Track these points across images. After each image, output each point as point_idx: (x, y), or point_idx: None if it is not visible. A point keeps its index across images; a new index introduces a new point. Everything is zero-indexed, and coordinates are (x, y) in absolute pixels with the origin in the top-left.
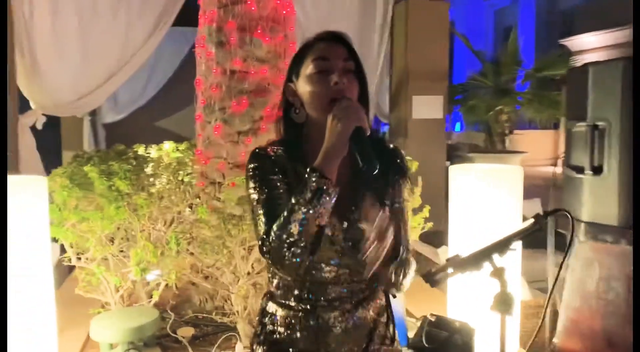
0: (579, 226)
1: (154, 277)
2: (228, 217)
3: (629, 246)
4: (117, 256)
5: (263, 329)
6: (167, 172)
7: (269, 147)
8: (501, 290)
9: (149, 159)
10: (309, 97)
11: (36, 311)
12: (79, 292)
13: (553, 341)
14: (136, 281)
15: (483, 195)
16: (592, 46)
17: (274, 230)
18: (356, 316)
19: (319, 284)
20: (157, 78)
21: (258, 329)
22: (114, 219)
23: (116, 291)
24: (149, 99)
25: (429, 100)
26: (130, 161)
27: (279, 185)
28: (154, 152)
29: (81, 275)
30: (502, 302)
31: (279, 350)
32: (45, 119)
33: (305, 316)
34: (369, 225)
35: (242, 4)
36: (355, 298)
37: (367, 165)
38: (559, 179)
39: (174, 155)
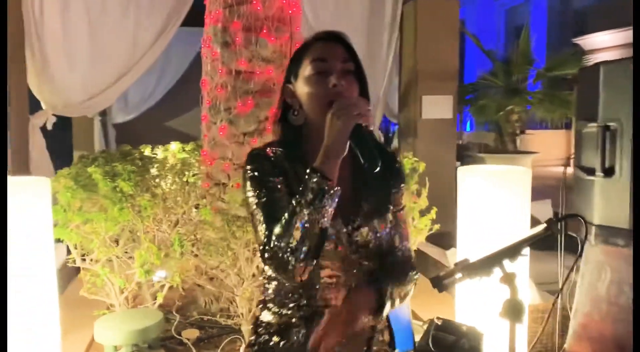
0: (590, 229)
1: (160, 278)
2: (232, 219)
3: None
4: (122, 258)
5: (257, 339)
6: (172, 173)
7: (267, 148)
8: (511, 297)
9: (154, 160)
10: (307, 98)
11: (39, 312)
12: (84, 293)
13: (564, 347)
14: (141, 282)
15: (491, 197)
16: (606, 45)
17: (275, 235)
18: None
19: (317, 290)
20: (167, 78)
21: (252, 339)
22: (117, 220)
23: (121, 292)
24: (158, 100)
25: (439, 100)
26: (136, 162)
27: (279, 187)
28: (160, 153)
29: (86, 276)
30: (512, 310)
31: None
32: (56, 120)
33: (302, 324)
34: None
35: (248, 4)
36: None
37: (369, 163)
38: (569, 180)
39: (180, 156)
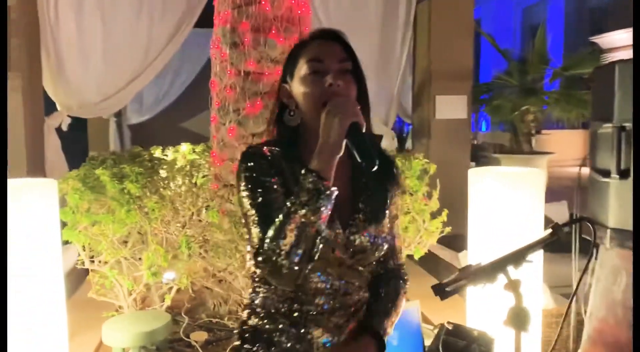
0: (605, 232)
1: (169, 279)
2: (240, 221)
3: None
4: (130, 259)
5: (243, 344)
6: (181, 175)
7: (264, 147)
8: (516, 304)
9: (162, 162)
10: (303, 99)
11: (45, 314)
12: (92, 295)
13: None
14: (149, 284)
15: (503, 199)
16: (623, 44)
17: (269, 237)
18: (348, 330)
19: (310, 296)
20: (181, 79)
21: (238, 344)
22: (125, 222)
23: (129, 294)
24: (173, 100)
25: (453, 100)
26: (145, 164)
27: (275, 188)
28: (170, 154)
29: (94, 278)
30: (517, 318)
31: None
32: (72, 121)
33: (293, 331)
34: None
35: (256, 4)
36: (348, 311)
37: (366, 162)
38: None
39: (190, 157)
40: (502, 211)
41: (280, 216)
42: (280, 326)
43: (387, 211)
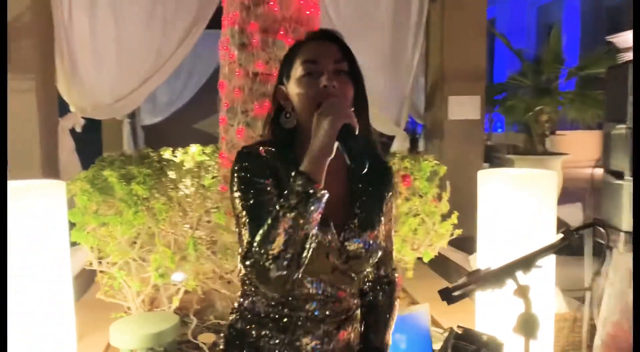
0: (618, 235)
1: (179, 279)
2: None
3: None
4: (138, 261)
5: (228, 349)
6: (188, 176)
7: (259, 147)
8: (525, 311)
9: (170, 163)
10: (298, 100)
11: (54, 315)
12: (100, 296)
13: None
14: (158, 285)
15: (512, 201)
16: None
17: (257, 240)
18: (337, 338)
19: (301, 301)
20: (194, 80)
21: (223, 349)
22: (132, 223)
23: (137, 295)
24: (186, 102)
25: (466, 101)
26: (154, 165)
27: (268, 189)
28: (179, 155)
29: (103, 279)
30: (526, 324)
31: None
32: (86, 122)
33: (282, 337)
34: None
35: (265, 4)
36: (338, 318)
37: (355, 164)
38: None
39: (199, 158)
40: (512, 213)
41: (269, 219)
42: (268, 332)
43: (383, 217)
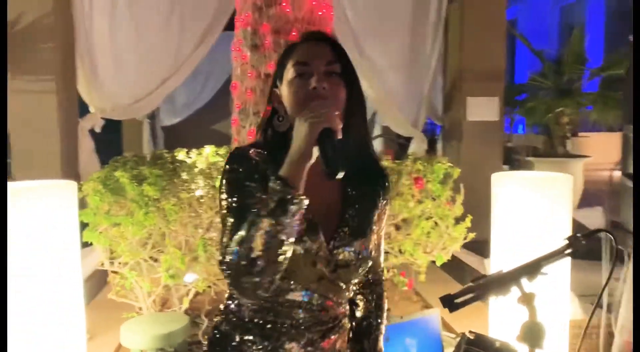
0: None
1: (189, 282)
2: None
3: None
4: (149, 261)
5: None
6: (201, 177)
7: (251, 149)
8: (530, 319)
9: (183, 164)
10: (289, 103)
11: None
12: (112, 296)
13: None
14: (170, 286)
15: (527, 204)
16: None
17: (234, 243)
18: (322, 346)
19: (287, 308)
20: (213, 81)
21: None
22: (143, 224)
23: (148, 295)
24: (206, 102)
25: (484, 102)
26: (166, 166)
27: (255, 193)
28: (193, 156)
29: (115, 280)
30: (531, 334)
31: None
32: (105, 123)
33: (265, 344)
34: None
35: (277, 5)
36: (325, 327)
37: (329, 170)
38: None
39: (213, 159)
40: (526, 216)
41: (246, 224)
42: (252, 337)
43: (375, 225)
